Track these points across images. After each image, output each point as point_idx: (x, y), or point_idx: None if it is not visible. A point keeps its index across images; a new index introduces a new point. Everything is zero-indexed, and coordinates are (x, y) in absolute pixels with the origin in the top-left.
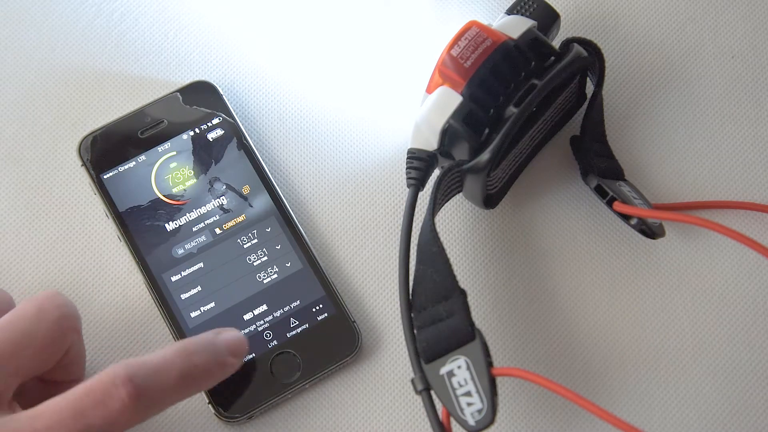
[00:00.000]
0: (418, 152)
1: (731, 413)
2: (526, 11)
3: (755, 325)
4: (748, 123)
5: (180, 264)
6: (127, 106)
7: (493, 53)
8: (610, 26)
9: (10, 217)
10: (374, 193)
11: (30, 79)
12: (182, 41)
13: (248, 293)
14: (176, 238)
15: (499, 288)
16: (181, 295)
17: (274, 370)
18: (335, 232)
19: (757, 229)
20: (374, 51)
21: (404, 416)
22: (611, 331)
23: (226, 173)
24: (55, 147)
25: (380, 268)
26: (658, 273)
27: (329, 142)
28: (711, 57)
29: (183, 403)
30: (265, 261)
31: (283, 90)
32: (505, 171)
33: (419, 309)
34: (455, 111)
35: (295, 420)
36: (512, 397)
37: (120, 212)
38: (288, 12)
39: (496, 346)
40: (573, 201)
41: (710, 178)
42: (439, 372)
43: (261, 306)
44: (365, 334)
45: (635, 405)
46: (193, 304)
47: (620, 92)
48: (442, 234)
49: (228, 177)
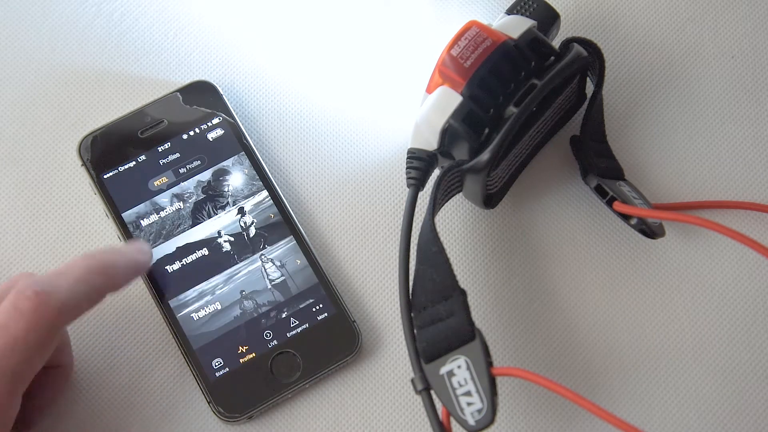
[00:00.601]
0: (418, 152)
1: (731, 413)
2: (526, 11)
3: (755, 325)
4: (748, 123)
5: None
6: (127, 106)
7: (493, 53)
8: (610, 26)
9: (10, 217)
10: (374, 193)
11: (30, 79)
12: (182, 41)
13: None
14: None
15: (499, 288)
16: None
17: (274, 369)
18: (335, 232)
19: (757, 229)
20: (374, 51)
21: (404, 416)
22: (611, 331)
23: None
24: (55, 147)
25: (380, 268)
26: (658, 273)
27: (329, 142)
28: (711, 57)
29: (183, 403)
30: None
31: (283, 90)
32: (505, 171)
33: (419, 309)
34: (455, 111)
35: (295, 420)
36: (512, 397)
37: (120, 212)
38: (288, 12)
39: (496, 346)
40: (573, 201)
41: (710, 178)
42: (439, 372)
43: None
44: (365, 333)
45: (635, 405)
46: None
47: (620, 92)
48: (442, 234)
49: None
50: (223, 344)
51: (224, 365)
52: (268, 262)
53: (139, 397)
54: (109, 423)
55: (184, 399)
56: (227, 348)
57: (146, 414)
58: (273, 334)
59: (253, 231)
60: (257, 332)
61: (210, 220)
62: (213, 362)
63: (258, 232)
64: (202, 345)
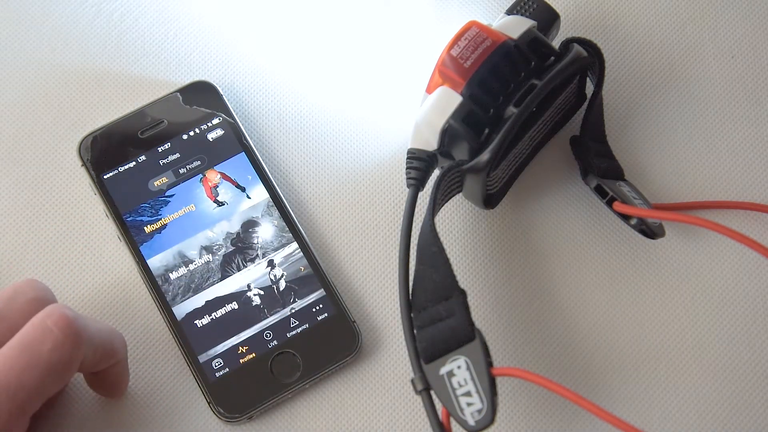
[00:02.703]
0: (418, 152)
1: (731, 413)
2: (526, 11)
3: (755, 325)
4: (748, 123)
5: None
6: (127, 107)
7: (493, 53)
8: (610, 26)
9: (10, 216)
10: (374, 193)
11: (30, 79)
12: (182, 41)
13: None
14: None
15: (499, 288)
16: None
17: (274, 370)
18: (335, 232)
19: (757, 229)
20: (374, 51)
21: (404, 416)
22: (611, 331)
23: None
24: (55, 147)
25: (380, 268)
26: (658, 273)
27: (329, 142)
28: (711, 57)
29: (183, 403)
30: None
31: (283, 90)
32: (505, 171)
33: (419, 309)
34: (455, 111)
35: (295, 420)
36: (512, 397)
37: (120, 213)
38: (288, 12)
39: (496, 346)
40: (573, 201)
41: (710, 178)
42: (439, 372)
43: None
44: (365, 334)
45: (635, 405)
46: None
47: (620, 92)
48: (442, 234)
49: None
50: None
51: (224, 365)
52: (272, 264)
53: (139, 397)
54: (109, 423)
55: (184, 399)
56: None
57: (146, 414)
58: (273, 334)
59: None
60: (257, 332)
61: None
62: (213, 362)
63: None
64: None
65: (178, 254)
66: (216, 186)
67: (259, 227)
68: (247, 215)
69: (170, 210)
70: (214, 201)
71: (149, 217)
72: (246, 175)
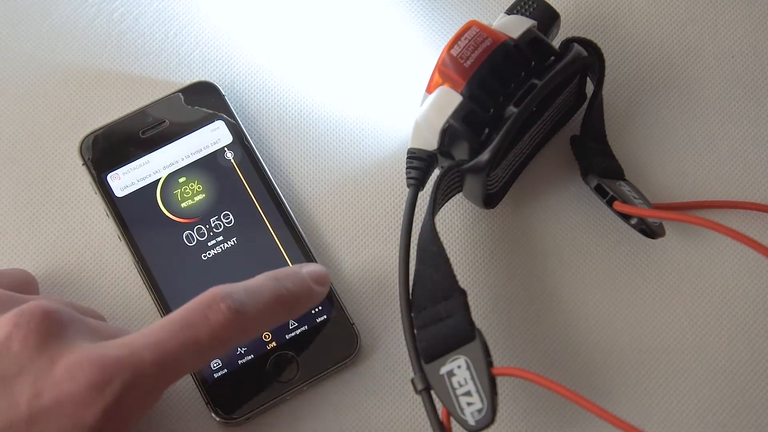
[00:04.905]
0: (418, 152)
1: (731, 413)
2: (526, 11)
3: (755, 325)
4: (748, 123)
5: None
6: (127, 107)
7: (493, 53)
8: (610, 26)
9: (10, 216)
10: (374, 193)
11: (30, 79)
12: (183, 41)
13: None
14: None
15: (499, 288)
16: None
17: (272, 371)
18: (335, 232)
19: (757, 229)
20: (374, 51)
21: (404, 416)
22: (611, 331)
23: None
24: (56, 147)
25: (380, 269)
26: (658, 273)
27: (329, 142)
28: (711, 57)
29: (182, 403)
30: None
31: (284, 90)
32: (505, 171)
33: (419, 309)
34: (455, 111)
35: (294, 421)
36: (512, 397)
37: (120, 212)
38: (289, 12)
39: (496, 346)
40: (573, 201)
41: (710, 178)
42: (439, 372)
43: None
44: (365, 334)
45: (635, 405)
46: None
47: (620, 92)
48: (442, 234)
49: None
50: None
51: (223, 366)
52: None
53: None
54: None
55: (183, 400)
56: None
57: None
58: (272, 336)
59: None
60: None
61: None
62: (212, 363)
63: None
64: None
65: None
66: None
67: None
68: None
69: None
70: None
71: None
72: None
